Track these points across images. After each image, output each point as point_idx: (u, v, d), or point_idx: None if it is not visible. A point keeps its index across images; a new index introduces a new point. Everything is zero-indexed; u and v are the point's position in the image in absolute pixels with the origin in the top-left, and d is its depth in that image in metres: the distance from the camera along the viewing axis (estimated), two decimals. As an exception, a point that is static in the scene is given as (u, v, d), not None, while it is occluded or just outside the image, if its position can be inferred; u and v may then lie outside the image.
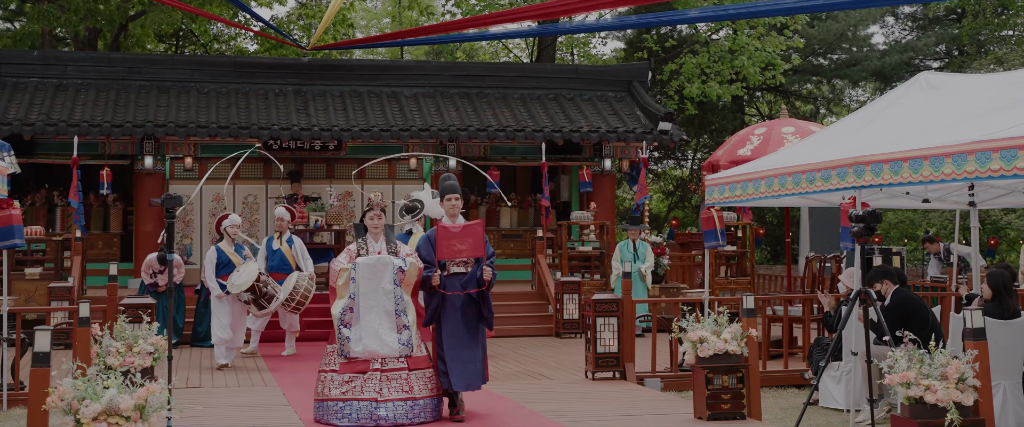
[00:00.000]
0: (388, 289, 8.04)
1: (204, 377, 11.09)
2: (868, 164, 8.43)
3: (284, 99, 19.13)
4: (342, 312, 8.02)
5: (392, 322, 8.04)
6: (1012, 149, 6.95)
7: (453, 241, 8.11)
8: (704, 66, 23.40)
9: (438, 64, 20.75)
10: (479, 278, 8.24)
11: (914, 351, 5.93)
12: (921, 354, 5.89)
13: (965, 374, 5.81)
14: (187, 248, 18.52)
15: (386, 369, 8.01)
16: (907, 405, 5.86)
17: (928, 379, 5.81)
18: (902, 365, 5.86)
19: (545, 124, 18.79)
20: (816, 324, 12.13)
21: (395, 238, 8.47)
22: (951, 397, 5.76)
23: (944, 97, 9.38)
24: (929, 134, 8.35)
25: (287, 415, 8.63)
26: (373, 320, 8.00)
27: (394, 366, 8.03)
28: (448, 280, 8.25)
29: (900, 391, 5.82)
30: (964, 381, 5.82)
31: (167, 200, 7.63)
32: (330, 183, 18.83)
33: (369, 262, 8.05)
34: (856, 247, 8.59)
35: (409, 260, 8.13)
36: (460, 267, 8.26)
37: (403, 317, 8.08)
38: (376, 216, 8.28)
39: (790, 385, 11.14)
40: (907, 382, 5.79)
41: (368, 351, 7.98)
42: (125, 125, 17.22)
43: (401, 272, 8.08)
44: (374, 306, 8.01)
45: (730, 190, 10.55)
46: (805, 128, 14.22)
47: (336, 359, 8.09)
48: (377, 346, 7.98)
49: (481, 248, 8.18)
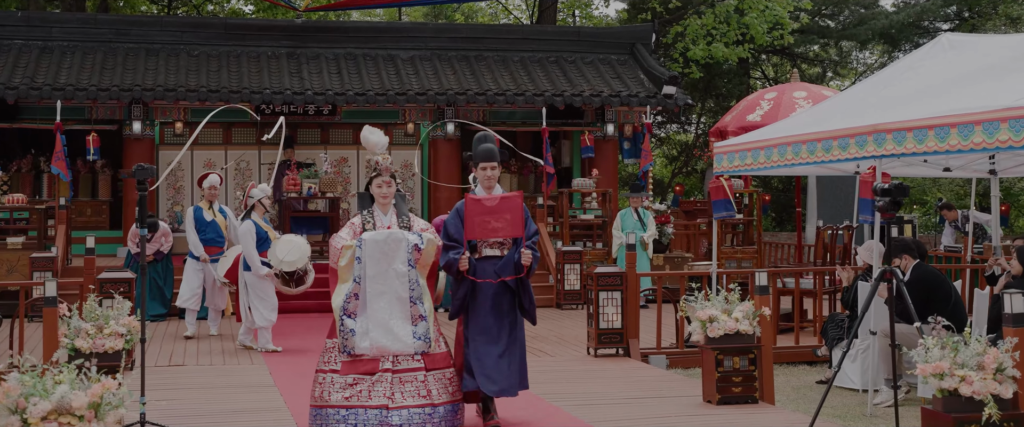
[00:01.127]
0: (401, 271, 6.59)
1: (189, 354, 10.62)
2: (890, 132, 7.91)
3: (277, 62, 18.57)
4: (345, 300, 6.60)
5: (406, 311, 6.61)
6: (1051, 116, 6.43)
7: (487, 217, 6.70)
8: (710, 27, 22.78)
9: (436, 26, 20.17)
10: (517, 263, 6.78)
11: (947, 338, 5.42)
12: (955, 341, 5.38)
13: (1004, 364, 5.32)
14: (178, 215, 18.03)
15: (399, 369, 6.60)
16: (940, 398, 5.37)
17: (963, 369, 5.31)
18: (934, 354, 5.36)
19: (546, 88, 18.23)
20: (828, 297, 11.64)
21: (407, 210, 6.96)
22: (989, 389, 5.27)
23: (968, 59, 8.83)
24: (955, 100, 7.81)
25: (272, 398, 8.16)
26: (383, 309, 6.58)
27: (408, 365, 6.62)
28: (479, 264, 6.78)
29: (932, 382, 5.32)
30: (1002, 371, 5.33)
31: (139, 171, 7.08)
32: (325, 149, 18.30)
33: (378, 238, 6.60)
34: (876, 221, 8.10)
35: (426, 236, 6.71)
36: (494, 249, 6.81)
37: (419, 305, 6.64)
38: (385, 183, 6.76)
39: (801, 362, 10.68)
40: (940, 373, 5.29)
41: (377, 347, 6.57)
42: (112, 89, 16.68)
43: (417, 250, 6.63)
44: (384, 292, 6.58)
45: (740, 158, 10.03)
46: (818, 93, 13.65)
47: (337, 357, 6.68)
48: (388, 341, 6.57)
49: (520, 226, 6.72)
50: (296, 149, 18.25)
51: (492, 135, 6.77)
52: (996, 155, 10.04)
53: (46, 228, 15.07)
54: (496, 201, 6.73)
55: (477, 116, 18.24)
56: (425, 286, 6.72)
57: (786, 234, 23.93)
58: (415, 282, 6.65)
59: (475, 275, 6.78)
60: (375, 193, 6.85)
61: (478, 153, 6.94)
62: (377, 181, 6.82)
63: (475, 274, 6.78)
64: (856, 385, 8.98)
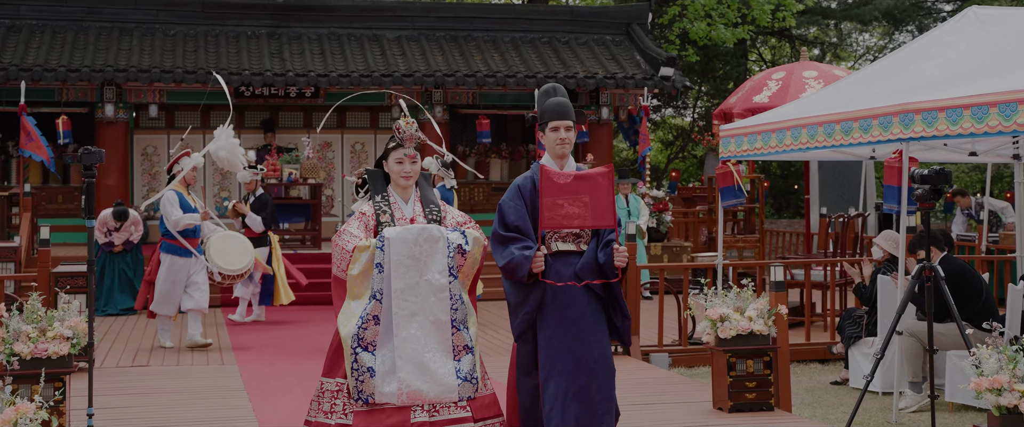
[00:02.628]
0: (440, 283, 4.80)
1: (155, 353, 9.86)
2: (918, 112, 7.20)
3: (257, 42, 17.75)
4: (360, 325, 4.75)
5: (446, 340, 4.83)
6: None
7: (560, 198, 4.94)
8: (709, 7, 22.02)
9: (424, 5, 19.35)
10: (605, 263, 5.03)
11: (1005, 348, 4.71)
12: (1015, 352, 4.67)
13: (1070, 377, 4.60)
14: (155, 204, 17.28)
15: (437, 421, 4.78)
16: (996, 416, 4.66)
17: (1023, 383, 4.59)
18: (991, 366, 4.64)
19: (538, 70, 17.46)
20: (839, 290, 10.95)
21: (435, 195, 5.20)
22: (1053, 407, 4.55)
23: (999, 33, 8.11)
24: (990, 77, 7.10)
25: (239, 405, 7.42)
26: (415, 338, 4.77)
27: (451, 416, 4.81)
28: (552, 264, 5.03)
29: (988, 398, 4.61)
30: (1068, 386, 4.61)
31: (85, 155, 6.34)
32: (307, 133, 17.53)
33: (407, 237, 4.80)
34: (903, 211, 7.39)
35: (471, 232, 4.98)
36: (570, 243, 5.09)
37: (463, 332, 4.87)
38: (409, 157, 4.98)
39: (813, 360, 10.00)
40: (998, 388, 4.58)
41: (408, 392, 4.74)
42: (83, 69, 15.86)
43: (460, 254, 4.89)
44: (416, 313, 4.77)
45: (749, 142, 9.32)
46: (829, 73, 12.92)
47: (346, 405, 4.86)
48: (422, 383, 4.75)
49: (608, 212, 4.95)
50: (277, 133, 17.52)
51: (561, 88, 5.21)
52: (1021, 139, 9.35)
53: (9, 216, 14.28)
54: (572, 178, 4.98)
55: (466, 99, 17.50)
56: (470, 304, 4.95)
57: (785, 221, 23.26)
58: (458, 299, 4.86)
59: (548, 277, 4.99)
60: (393, 171, 5.00)
61: (547, 108, 5.12)
62: (397, 154, 4.99)
63: (548, 276, 5.00)
64: (875, 388, 8.27)
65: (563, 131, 5.09)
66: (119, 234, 12.77)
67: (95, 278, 12.18)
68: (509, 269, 4.94)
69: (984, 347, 4.76)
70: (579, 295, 4.99)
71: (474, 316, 4.96)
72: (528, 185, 5.09)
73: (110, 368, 8.96)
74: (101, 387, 7.65)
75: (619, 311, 5.12)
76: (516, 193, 5.10)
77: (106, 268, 12.74)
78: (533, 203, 5.03)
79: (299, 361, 9.36)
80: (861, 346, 8.58)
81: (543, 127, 5.15)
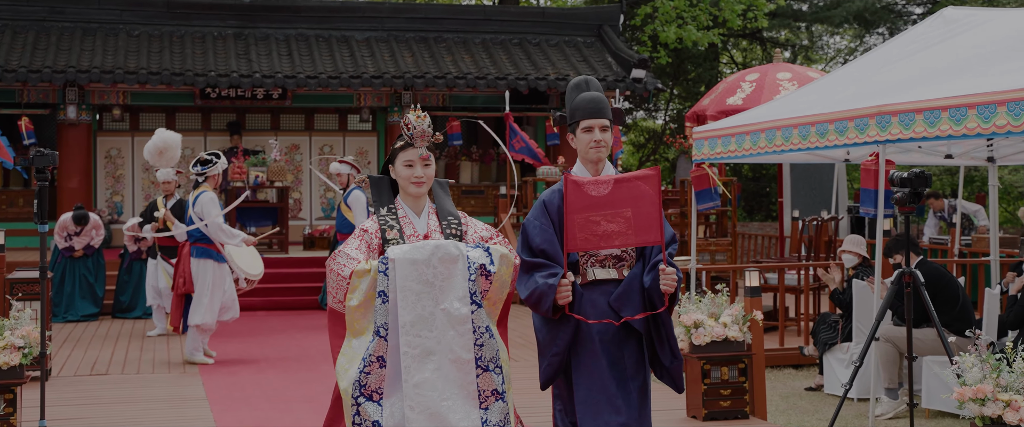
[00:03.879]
0: (460, 313, 3.91)
1: (114, 362, 9.59)
2: (895, 114, 7.05)
3: (223, 43, 17.48)
4: (362, 368, 3.89)
5: (470, 383, 3.92)
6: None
7: (594, 213, 4.13)
8: (681, 10, 21.93)
9: (393, 5, 19.13)
10: (650, 289, 4.21)
11: (988, 356, 4.57)
12: (997, 361, 4.53)
13: (1053, 386, 4.47)
14: (117, 206, 17.00)
15: None
16: (980, 426, 4.51)
17: (1008, 393, 4.46)
18: (974, 376, 4.50)
19: (509, 71, 17.30)
20: (813, 293, 10.82)
21: (453, 206, 4.29)
22: (1037, 416, 4.42)
23: (975, 34, 7.99)
24: (966, 78, 6.98)
25: (200, 415, 7.19)
26: (431, 383, 3.87)
27: None
28: (585, 295, 4.26)
29: (971, 408, 4.47)
30: (1052, 395, 4.48)
31: (38, 158, 6.12)
32: (275, 135, 17.29)
33: (416, 256, 3.92)
34: (879, 214, 7.26)
35: (496, 249, 4.05)
36: (610, 268, 4.29)
37: (491, 373, 3.96)
38: (421, 160, 4.11)
39: (786, 365, 9.86)
40: (981, 397, 4.44)
41: None
42: (44, 70, 15.55)
43: (484, 275, 3.98)
44: (432, 351, 3.89)
45: (722, 144, 9.16)
46: (803, 74, 12.82)
47: None
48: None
49: (655, 226, 4.14)
50: (243, 135, 17.26)
51: (594, 81, 4.46)
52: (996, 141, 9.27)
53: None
54: (609, 186, 4.16)
55: (436, 101, 17.31)
56: (499, 338, 4.02)
57: (756, 224, 23.18)
58: (483, 332, 3.94)
59: (580, 312, 4.20)
60: (401, 176, 4.13)
61: (579, 105, 4.34)
62: (406, 156, 4.11)
63: (580, 310, 4.21)
64: (851, 394, 8.13)
65: (598, 131, 4.29)
66: (79, 239, 12.47)
67: (54, 284, 11.99)
68: (532, 301, 4.18)
69: (967, 356, 4.61)
70: (616, 335, 4.21)
71: (506, 352, 4.01)
72: (556, 200, 4.28)
73: (67, 377, 8.70)
74: (56, 397, 7.43)
75: (667, 348, 4.29)
76: (542, 210, 4.30)
77: (66, 274, 12.44)
78: (562, 221, 4.24)
79: (263, 369, 9.14)
80: (836, 352, 8.45)
81: (573, 127, 4.35)
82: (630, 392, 4.18)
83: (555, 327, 4.22)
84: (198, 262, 9.32)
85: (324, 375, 8.85)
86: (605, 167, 4.35)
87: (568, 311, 4.15)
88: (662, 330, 4.27)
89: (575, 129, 4.34)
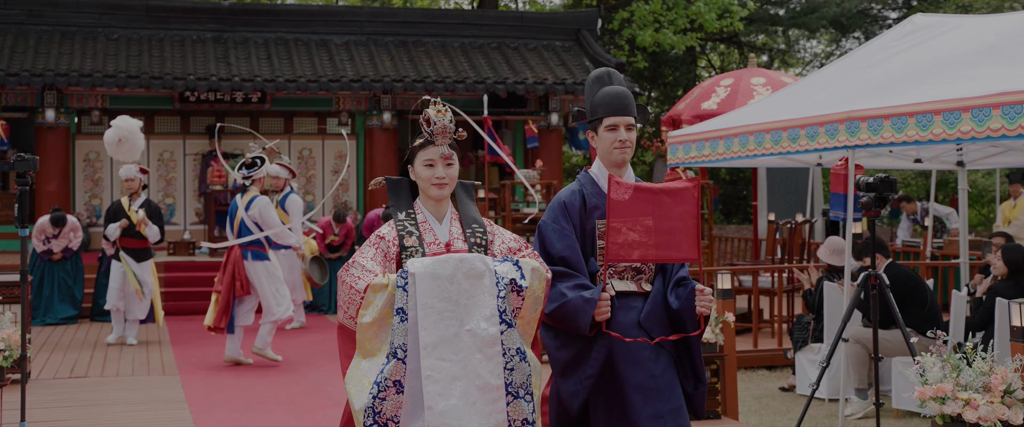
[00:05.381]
0: (487, 334, 3.52)
1: (94, 364, 9.64)
2: (864, 120, 7.21)
3: (202, 47, 17.51)
4: (376, 394, 3.47)
5: (497, 414, 3.51)
6: (1052, 101, 5.75)
7: (624, 221, 3.77)
8: (657, 14, 22.09)
9: (372, 9, 19.21)
10: (681, 309, 3.91)
11: (949, 356, 4.70)
12: (957, 360, 4.66)
13: (1012, 385, 4.61)
14: (96, 209, 16.99)
15: None
16: (941, 425, 4.64)
17: (967, 392, 4.59)
18: (935, 374, 4.63)
19: (487, 75, 17.40)
20: (787, 296, 10.97)
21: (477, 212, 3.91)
22: (997, 414, 4.56)
23: (944, 41, 8.15)
24: (934, 84, 7.13)
25: (180, 418, 7.25)
26: (455, 411, 3.47)
27: None
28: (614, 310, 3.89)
29: (932, 407, 4.60)
30: (1011, 394, 4.62)
31: (18, 163, 6.18)
32: (254, 138, 17.30)
33: (438, 271, 3.54)
34: (849, 218, 7.41)
35: (528, 262, 3.69)
36: (629, 280, 3.97)
37: (522, 401, 3.57)
38: (444, 159, 3.74)
39: (760, 366, 9.99)
40: (941, 397, 4.57)
41: None
42: (22, 74, 15.54)
43: (516, 291, 3.61)
44: (457, 377, 3.49)
45: (697, 149, 9.31)
46: (777, 79, 12.97)
47: None
48: None
49: (692, 243, 3.80)
50: (222, 139, 17.28)
51: (618, 74, 4.08)
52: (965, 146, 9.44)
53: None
54: (643, 194, 3.77)
55: (415, 104, 17.37)
56: (534, 361, 3.64)
57: (734, 227, 23.35)
58: (514, 354, 3.55)
59: (610, 327, 3.83)
60: (421, 178, 3.77)
61: (601, 100, 3.98)
62: (426, 155, 3.74)
63: (615, 326, 3.84)
64: (822, 394, 8.29)
65: (623, 131, 3.93)
66: (58, 241, 12.48)
67: (33, 287, 12.01)
68: (560, 316, 3.78)
69: (928, 355, 4.74)
70: (648, 352, 3.84)
71: (540, 377, 3.61)
72: (576, 202, 3.95)
73: (46, 380, 8.74)
74: (35, 400, 7.48)
75: (692, 373, 3.95)
76: (561, 212, 3.93)
77: (45, 277, 12.46)
78: (583, 225, 3.92)
79: (242, 373, 9.20)
80: (808, 352, 8.59)
81: (594, 125, 3.99)
82: (662, 415, 3.78)
83: (586, 346, 3.83)
84: (254, 264, 9.37)
85: (302, 378, 8.93)
86: (626, 172, 4.01)
87: (604, 328, 3.79)
88: (691, 353, 3.96)
89: (597, 127, 3.97)
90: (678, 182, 3.83)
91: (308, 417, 7.31)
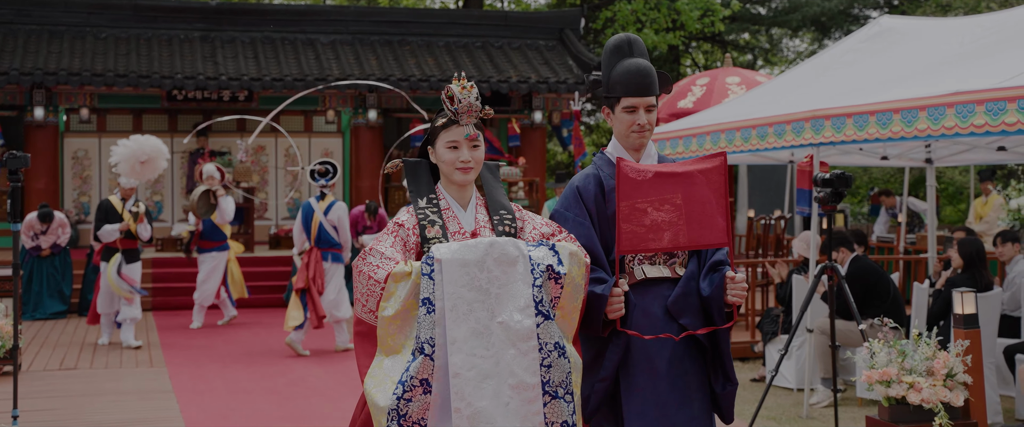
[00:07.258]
0: (522, 327, 3.14)
1: (83, 357, 9.86)
2: (828, 118, 7.48)
3: (190, 46, 17.71)
4: (400, 395, 3.11)
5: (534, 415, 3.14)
6: (1001, 101, 6.02)
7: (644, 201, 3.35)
8: (640, 13, 22.35)
9: (358, 9, 19.42)
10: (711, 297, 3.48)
11: (894, 341, 4.97)
12: (903, 345, 4.93)
13: (954, 369, 4.88)
14: (85, 206, 17.18)
15: None
16: (886, 407, 4.91)
17: (911, 376, 4.86)
18: (881, 359, 4.89)
19: (471, 74, 17.63)
20: (761, 290, 11.24)
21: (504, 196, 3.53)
22: (939, 397, 4.82)
23: (909, 43, 8.45)
24: (896, 84, 7.41)
25: (167, 407, 7.48)
26: (486, 413, 3.11)
27: None
28: (635, 301, 3.50)
29: (878, 390, 4.86)
30: (953, 377, 4.89)
31: (10, 160, 6.40)
32: (241, 136, 17.51)
33: (468, 255, 3.18)
34: (814, 212, 7.67)
35: (564, 246, 3.29)
36: (661, 265, 3.54)
37: (561, 402, 3.19)
38: (469, 140, 3.37)
39: (734, 358, 10.25)
40: (887, 380, 4.83)
41: None
42: (11, 72, 15.71)
43: (553, 279, 3.22)
44: (488, 374, 3.13)
45: (672, 146, 9.57)
46: (751, 78, 13.26)
47: None
48: None
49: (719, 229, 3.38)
50: (210, 136, 17.49)
51: (641, 44, 3.63)
52: (932, 143, 9.72)
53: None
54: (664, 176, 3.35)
55: (400, 103, 17.61)
56: (574, 355, 3.24)
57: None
58: (552, 349, 3.16)
59: (634, 325, 3.44)
60: (444, 161, 3.40)
61: (620, 78, 3.53)
62: (449, 136, 3.38)
63: (634, 323, 3.45)
64: (791, 384, 8.56)
65: (643, 113, 3.52)
66: (46, 238, 12.69)
67: (23, 283, 12.21)
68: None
69: (875, 341, 5.00)
70: (668, 351, 3.44)
71: (580, 374, 3.24)
72: (591, 187, 3.56)
73: (37, 372, 8.96)
74: (26, 391, 7.70)
75: (721, 371, 3.53)
76: (575, 199, 3.54)
77: (34, 273, 12.66)
78: (602, 213, 3.53)
79: (227, 364, 9.43)
80: (776, 343, 8.85)
81: (611, 102, 3.56)
82: (694, 417, 3.44)
83: (601, 346, 3.46)
84: (332, 266, 10.07)
85: (287, 369, 9.17)
86: (647, 154, 3.60)
87: (619, 326, 3.40)
88: (719, 348, 3.51)
89: (614, 105, 3.55)
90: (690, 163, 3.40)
91: (290, 406, 7.55)
